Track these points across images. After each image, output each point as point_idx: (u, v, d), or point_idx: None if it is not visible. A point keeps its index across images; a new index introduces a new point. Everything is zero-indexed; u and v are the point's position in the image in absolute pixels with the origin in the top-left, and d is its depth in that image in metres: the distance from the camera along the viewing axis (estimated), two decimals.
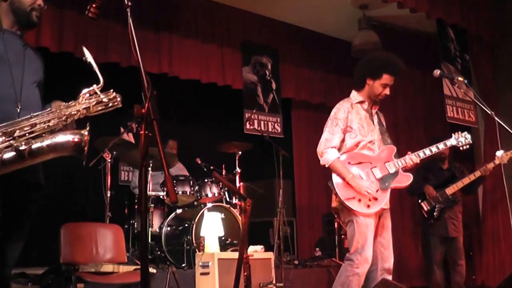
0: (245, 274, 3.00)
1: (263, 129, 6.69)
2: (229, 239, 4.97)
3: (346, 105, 3.73)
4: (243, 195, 3.42)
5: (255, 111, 6.48)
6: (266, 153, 6.10)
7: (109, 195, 4.93)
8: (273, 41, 7.10)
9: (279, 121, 6.98)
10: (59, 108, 2.31)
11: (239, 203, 5.34)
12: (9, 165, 2.15)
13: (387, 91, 3.70)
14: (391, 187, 3.64)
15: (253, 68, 6.82)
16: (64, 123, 2.30)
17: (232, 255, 4.30)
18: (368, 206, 3.54)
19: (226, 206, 5.31)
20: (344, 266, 3.58)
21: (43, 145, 2.20)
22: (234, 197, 5.57)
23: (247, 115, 6.44)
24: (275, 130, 6.90)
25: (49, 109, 2.32)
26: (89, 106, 2.33)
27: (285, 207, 5.61)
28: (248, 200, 3.04)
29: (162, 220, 5.45)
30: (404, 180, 3.69)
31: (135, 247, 5.36)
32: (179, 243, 5.06)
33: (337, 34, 7.56)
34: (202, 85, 6.54)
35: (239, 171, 5.73)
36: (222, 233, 4.70)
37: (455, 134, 3.88)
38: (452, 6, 6.29)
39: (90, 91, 2.34)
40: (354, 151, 3.67)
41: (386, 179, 3.63)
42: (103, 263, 3.72)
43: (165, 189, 5.35)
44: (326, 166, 3.63)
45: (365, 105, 3.76)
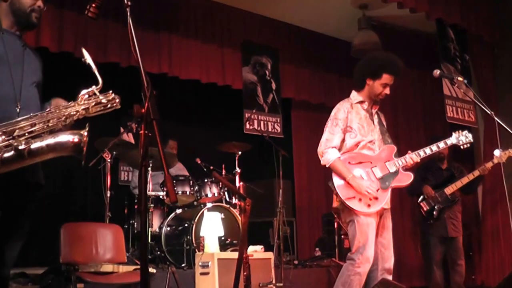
0: (245, 274, 3.00)
1: (263, 129, 6.69)
2: (229, 239, 4.96)
3: (346, 105, 3.74)
4: (242, 195, 3.41)
5: (255, 111, 6.48)
6: (266, 153, 6.10)
7: (109, 195, 4.94)
8: (273, 41, 7.10)
9: (279, 121, 6.98)
10: (59, 108, 2.32)
11: (239, 203, 5.34)
12: (9, 164, 2.16)
13: (387, 91, 3.71)
14: (391, 187, 3.65)
15: (253, 68, 6.82)
16: (63, 123, 2.31)
17: (232, 255, 4.30)
18: (368, 205, 3.54)
19: (226, 206, 5.31)
20: (345, 265, 3.59)
21: (43, 144, 2.21)
22: (234, 197, 5.56)
23: (247, 115, 6.43)
24: (275, 130, 6.90)
25: (48, 109, 2.32)
26: (88, 107, 2.34)
27: (285, 207, 5.60)
28: (247, 200, 3.04)
29: (162, 220, 5.45)
30: (404, 179, 3.69)
31: (135, 247, 5.36)
32: (179, 243, 5.06)
33: (337, 34, 7.56)
34: (202, 85, 6.54)
35: (239, 171, 5.73)
36: (222, 233, 4.69)
37: (455, 132, 3.88)
38: (452, 6, 6.28)
39: (89, 92, 2.35)
40: (354, 151, 3.67)
41: (386, 179, 3.63)
42: (103, 263, 3.72)
43: (165, 189, 5.35)
44: (326, 166, 3.64)
45: (365, 105, 3.76)
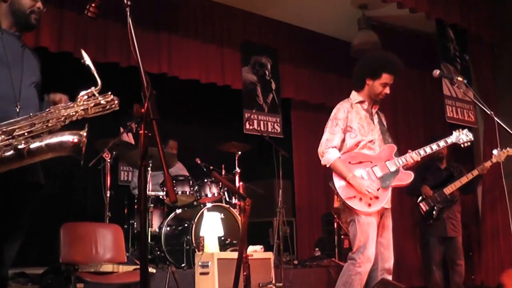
0: (245, 274, 3.00)
1: (262, 129, 6.69)
2: (228, 239, 4.96)
3: (346, 105, 3.74)
4: (242, 194, 3.41)
5: (254, 111, 6.48)
6: (265, 153, 6.10)
7: (108, 195, 4.94)
8: (273, 41, 7.10)
9: (278, 121, 6.98)
10: (58, 109, 2.33)
11: (239, 203, 5.33)
12: (8, 163, 2.17)
13: (387, 90, 3.71)
14: (392, 186, 3.64)
15: (252, 68, 6.82)
16: (62, 123, 2.31)
17: (231, 255, 4.29)
18: (369, 205, 3.54)
19: (225, 206, 5.30)
20: (346, 265, 3.59)
21: (42, 144, 2.22)
22: (233, 197, 5.56)
23: (247, 115, 6.43)
24: (275, 130, 6.90)
25: (48, 109, 2.33)
26: (87, 107, 2.36)
27: (285, 207, 5.60)
28: (247, 199, 3.04)
29: (161, 220, 5.45)
30: (405, 178, 3.69)
31: (135, 247, 5.36)
32: (178, 243, 5.06)
33: (336, 34, 7.56)
34: (201, 85, 6.54)
35: (239, 171, 5.73)
36: (221, 233, 4.69)
37: (455, 131, 3.88)
38: (452, 6, 6.28)
39: (88, 93, 2.36)
40: (354, 151, 3.67)
41: (387, 178, 3.63)
42: (103, 263, 3.72)
43: (164, 189, 5.35)
44: (327, 166, 3.64)
45: (365, 105, 3.77)
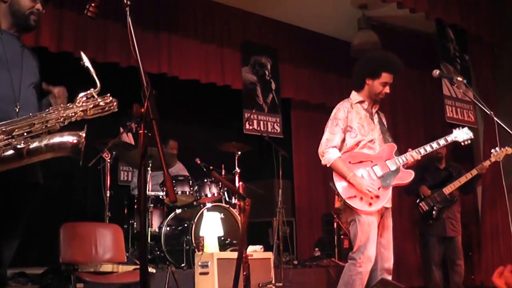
0: (244, 273, 3.00)
1: (262, 129, 6.68)
2: (228, 239, 4.96)
3: (346, 105, 3.75)
4: (242, 194, 3.41)
5: (254, 111, 6.48)
6: (265, 153, 6.10)
7: (108, 195, 4.94)
8: (273, 41, 7.10)
9: (278, 121, 6.97)
10: (57, 109, 2.33)
11: (239, 203, 5.32)
12: (8, 162, 2.18)
13: (387, 90, 3.71)
14: (392, 185, 3.65)
15: (252, 68, 6.82)
16: (61, 124, 2.32)
17: (231, 255, 4.29)
18: (370, 204, 3.54)
19: (225, 206, 5.30)
20: (347, 265, 3.59)
21: (41, 144, 2.23)
22: (233, 197, 5.56)
23: (247, 115, 6.43)
24: (275, 130, 6.89)
25: (47, 110, 2.33)
26: (87, 109, 2.37)
27: (285, 207, 5.60)
28: (247, 199, 3.04)
29: (161, 220, 5.44)
30: (405, 177, 3.69)
31: (135, 247, 5.36)
32: (178, 243, 5.06)
33: (336, 34, 7.56)
34: (201, 85, 6.54)
35: (239, 171, 5.72)
36: (221, 233, 4.69)
37: (455, 129, 3.89)
38: (451, 6, 6.28)
39: (87, 95, 2.37)
40: (354, 151, 3.68)
41: (387, 177, 3.64)
42: (103, 263, 3.72)
43: (164, 189, 5.35)
44: (327, 165, 3.64)
45: (365, 105, 3.77)
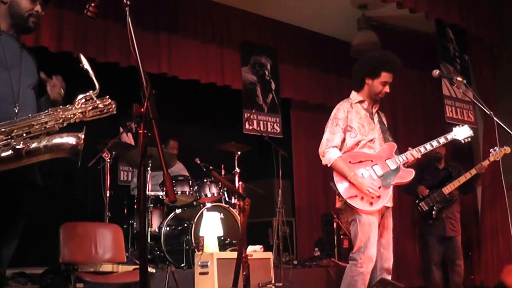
0: (244, 273, 3.00)
1: (262, 129, 6.69)
2: (228, 239, 4.96)
3: (345, 105, 3.75)
4: (242, 194, 3.41)
5: (254, 111, 6.48)
6: (265, 153, 6.10)
7: (108, 195, 4.95)
8: (272, 41, 7.10)
9: (278, 121, 6.97)
10: (56, 111, 2.34)
11: (238, 202, 5.32)
12: (6, 163, 2.19)
13: (387, 89, 3.72)
14: (393, 184, 3.65)
15: (252, 68, 6.82)
16: (60, 125, 2.33)
17: (231, 255, 4.29)
18: (371, 203, 3.54)
19: (225, 206, 5.30)
20: (348, 266, 3.59)
21: (40, 145, 2.23)
22: (233, 197, 5.56)
23: (246, 115, 6.43)
24: (274, 130, 6.89)
25: (46, 111, 2.34)
26: (85, 110, 2.38)
27: (284, 207, 5.60)
28: (247, 199, 3.04)
29: (161, 220, 5.44)
30: (406, 176, 3.69)
31: (135, 247, 5.36)
32: (178, 243, 5.06)
33: (336, 34, 7.56)
34: (201, 85, 6.54)
35: (238, 171, 5.73)
36: (221, 233, 4.69)
37: (455, 127, 3.88)
38: (451, 6, 6.28)
39: (86, 96, 2.39)
40: (354, 150, 3.68)
41: (387, 176, 3.63)
42: (102, 263, 3.72)
43: (164, 189, 5.35)
44: (328, 165, 3.64)
45: (365, 105, 3.77)
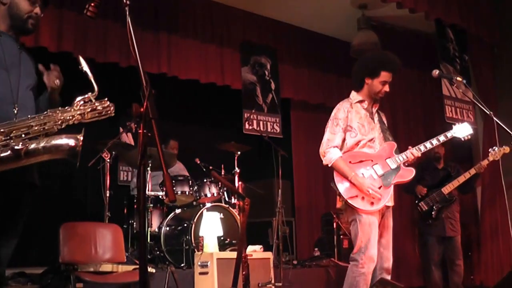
0: (244, 273, 3.00)
1: (262, 129, 6.69)
2: (228, 239, 4.96)
3: (345, 105, 3.75)
4: (241, 194, 3.41)
5: (254, 111, 6.48)
6: (265, 153, 6.10)
7: (108, 195, 4.95)
8: (272, 41, 7.10)
9: (278, 121, 6.97)
10: (55, 112, 2.35)
11: (238, 202, 5.32)
12: (5, 163, 2.20)
13: (387, 88, 3.72)
14: (393, 183, 3.64)
15: (252, 68, 6.82)
16: (59, 127, 2.33)
17: (231, 255, 4.29)
18: (372, 203, 3.54)
19: (225, 206, 5.30)
20: (350, 267, 3.59)
21: (39, 146, 2.24)
22: (233, 197, 5.56)
23: (246, 115, 6.43)
24: (274, 130, 6.89)
25: (45, 112, 2.35)
26: (84, 112, 2.39)
27: (284, 207, 5.59)
28: (246, 199, 3.04)
29: (161, 220, 5.44)
30: (406, 174, 3.69)
31: (134, 247, 5.36)
32: (178, 243, 5.06)
33: (336, 34, 7.56)
34: (201, 85, 6.53)
35: (238, 171, 5.73)
36: (221, 233, 4.70)
37: (455, 125, 3.88)
38: (451, 6, 6.28)
39: (84, 98, 2.39)
40: (354, 150, 3.68)
41: (388, 175, 3.63)
42: (102, 263, 3.73)
43: (164, 189, 5.34)
44: (329, 165, 3.64)
45: (364, 104, 3.77)
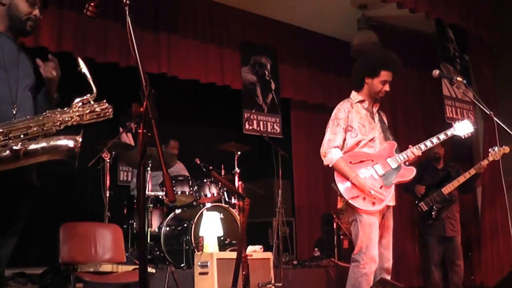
0: (244, 273, 3.00)
1: (262, 129, 6.68)
2: (228, 239, 4.96)
3: (346, 105, 3.75)
4: (241, 194, 3.41)
5: (254, 111, 6.48)
6: (265, 153, 6.09)
7: (108, 195, 4.95)
8: (272, 41, 7.10)
9: (278, 121, 6.97)
10: (54, 113, 2.35)
11: (238, 202, 5.32)
12: (4, 163, 2.20)
13: (387, 88, 3.71)
14: (394, 183, 3.64)
15: (252, 68, 6.82)
16: (57, 128, 2.34)
17: (231, 255, 4.29)
18: (373, 203, 3.53)
19: (225, 206, 5.30)
20: (351, 268, 3.58)
21: (38, 147, 2.25)
22: (233, 197, 5.56)
23: (246, 115, 6.43)
24: (274, 130, 6.89)
25: (44, 113, 2.36)
26: (83, 114, 2.39)
27: (284, 207, 5.59)
28: (246, 199, 3.04)
29: (161, 220, 5.44)
30: (407, 174, 3.68)
31: (134, 247, 5.36)
32: (178, 243, 5.06)
33: (336, 34, 7.56)
34: (201, 85, 6.53)
35: (238, 171, 5.73)
36: (221, 233, 4.70)
37: (455, 123, 3.86)
38: (451, 6, 6.28)
39: (83, 100, 2.40)
40: (354, 150, 3.67)
41: (388, 175, 3.62)
42: (102, 263, 3.72)
43: (164, 189, 5.34)
44: (330, 166, 3.63)
45: (365, 104, 3.77)
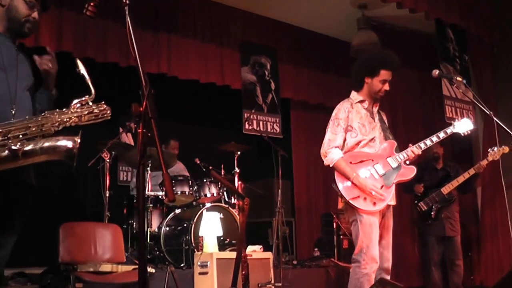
0: (243, 273, 3.00)
1: (262, 129, 6.68)
2: (227, 239, 4.96)
3: (346, 105, 3.74)
4: (241, 194, 3.41)
5: (254, 111, 6.48)
6: (265, 153, 6.09)
7: (108, 195, 4.95)
8: (272, 41, 7.10)
9: (278, 121, 6.97)
10: (53, 114, 2.36)
11: (238, 202, 5.32)
12: (3, 163, 2.21)
13: (387, 87, 3.71)
14: (394, 182, 3.64)
15: (252, 68, 6.82)
16: (56, 128, 2.35)
17: (230, 255, 4.29)
18: (374, 203, 3.53)
19: (224, 206, 5.30)
20: (352, 269, 3.58)
21: (36, 147, 2.26)
22: (232, 197, 5.56)
23: (246, 115, 6.43)
24: (274, 130, 6.89)
25: (43, 114, 2.36)
26: (81, 115, 2.41)
27: (284, 207, 5.59)
28: (246, 199, 3.04)
29: (161, 220, 5.44)
30: (407, 173, 3.68)
31: (134, 247, 5.36)
32: (177, 243, 5.06)
33: (336, 34, 7.56)
34: (201, 85, 6.53)
35: (238, 171, 5.73)
36: (220, 233, 4.70)
37: (455, 121, 3.86)
38: (451, 6, 6.28)
39: (81, 101, 2.41)
40: (354, 150, 3.67)
41: (389, 175, 3.62)
42: (102, 263, 3.72)
43: (163, 189, 5.34)
44: (330, 166, 3.63)
45: (365, 104, 3.76)
